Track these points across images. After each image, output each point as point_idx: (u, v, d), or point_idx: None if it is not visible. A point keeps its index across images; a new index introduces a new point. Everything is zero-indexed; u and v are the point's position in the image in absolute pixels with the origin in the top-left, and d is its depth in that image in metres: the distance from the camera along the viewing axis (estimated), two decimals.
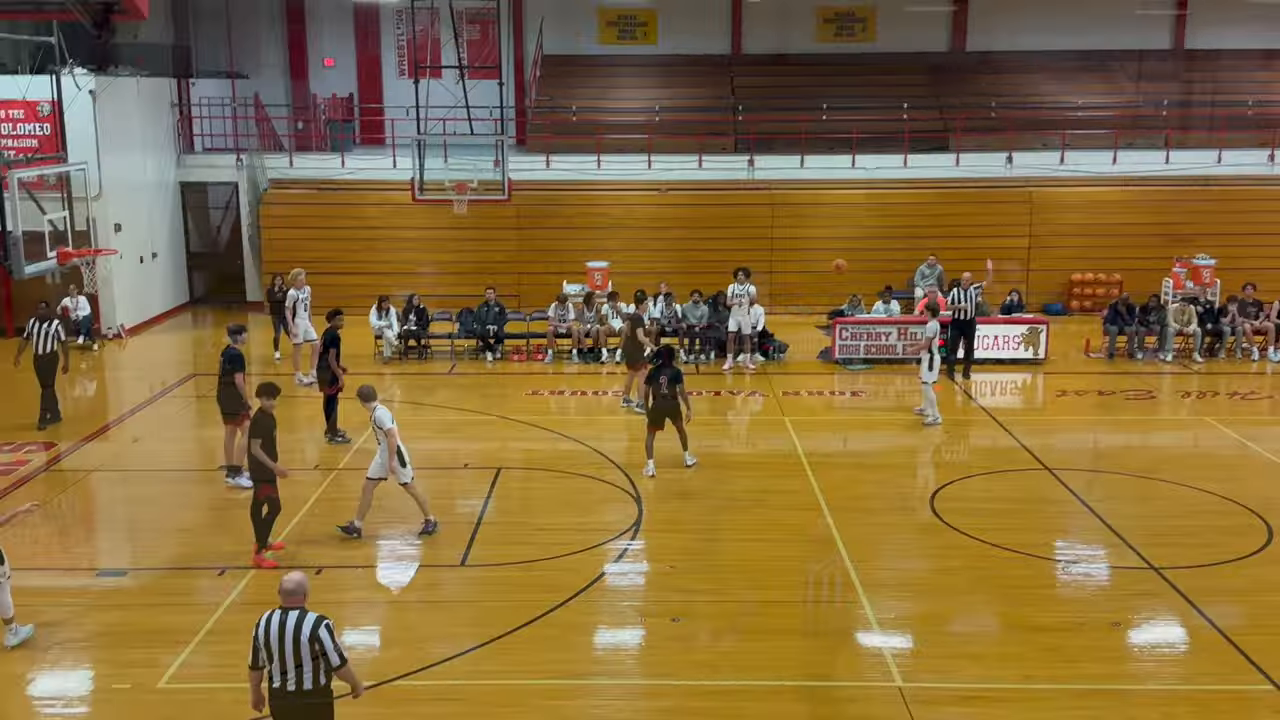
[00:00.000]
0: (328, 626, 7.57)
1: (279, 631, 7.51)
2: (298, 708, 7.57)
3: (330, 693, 7.61)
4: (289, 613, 7.58)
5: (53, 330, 17.31)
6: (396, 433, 12.85)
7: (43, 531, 13.53)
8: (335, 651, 7.57)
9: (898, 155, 26.95)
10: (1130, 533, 13.13)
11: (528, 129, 29.47)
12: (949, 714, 9.33)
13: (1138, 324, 22.00)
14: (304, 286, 19.98)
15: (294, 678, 7.51)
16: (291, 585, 7.67)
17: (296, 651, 7.47)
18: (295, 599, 7.64)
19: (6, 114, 21.50)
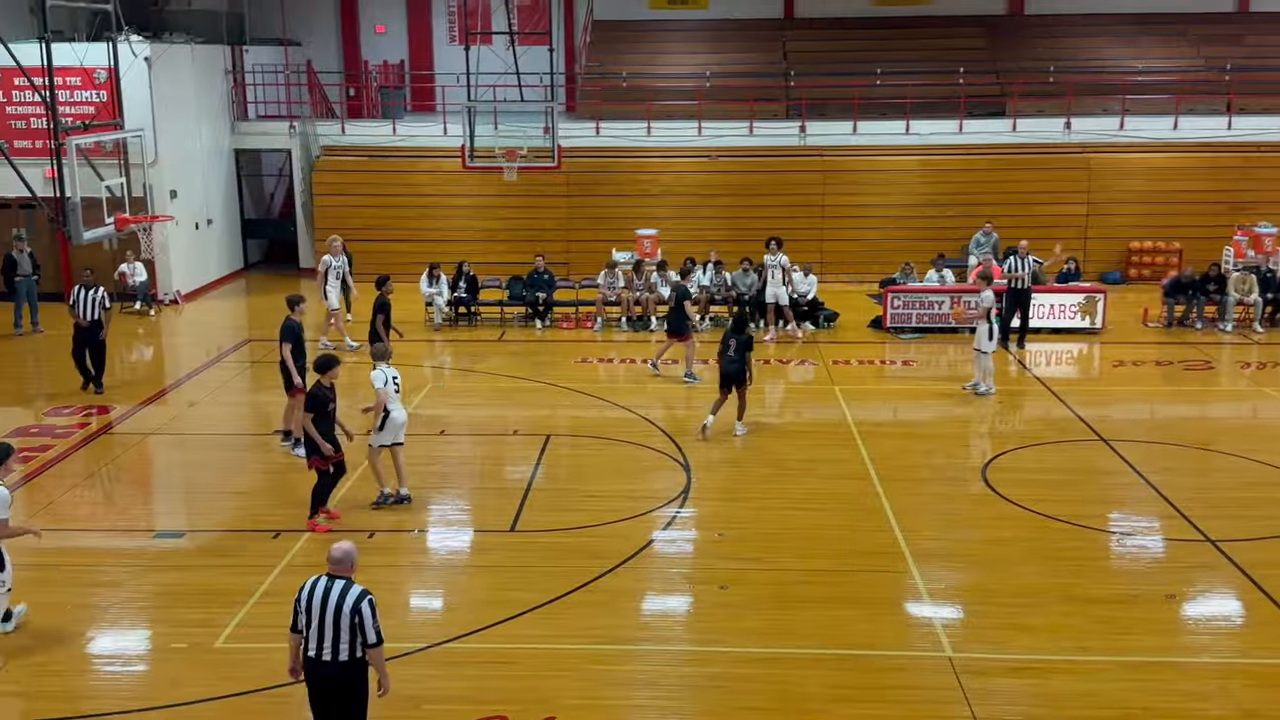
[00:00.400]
0: (370, 602, 7.47)
1: (321, 599, 7.44)
2: (331, 678, 7.50)
3: (365, 666, 7.57)
4: (335, 580, 7.53)
5: (98, 298, 17.52)
6: (386, 395, 12.64)
7: (102, 494, 13.79)
8: (373, 629, 7.45)
9: (953, 120, 26.57)
10: (1187, 505, 12.94)
11: (578, 95, 29.39)
12: (1000, 684, 9.27)
13: (1197, 294, 21.58)
14: (340, 254, 20.04)
15: (330, 648, 7.43)
16: (339, 554, 7.61)
17: (336, 622, 7.40)
18: (343, 568, 7.58)
19: (64, 81, 21.70)
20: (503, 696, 9.08)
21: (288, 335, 14.50)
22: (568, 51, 31.72)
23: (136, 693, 9.26)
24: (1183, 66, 28.53)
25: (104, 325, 17.66)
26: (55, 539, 12.23)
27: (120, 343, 21.48)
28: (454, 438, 15.65)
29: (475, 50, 22.54)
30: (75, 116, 21.22)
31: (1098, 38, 29.79)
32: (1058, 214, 26.08)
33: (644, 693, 9.22)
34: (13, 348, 20.81)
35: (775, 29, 31.02)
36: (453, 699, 9.07)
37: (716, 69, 28.93)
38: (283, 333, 14.55)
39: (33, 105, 22.93)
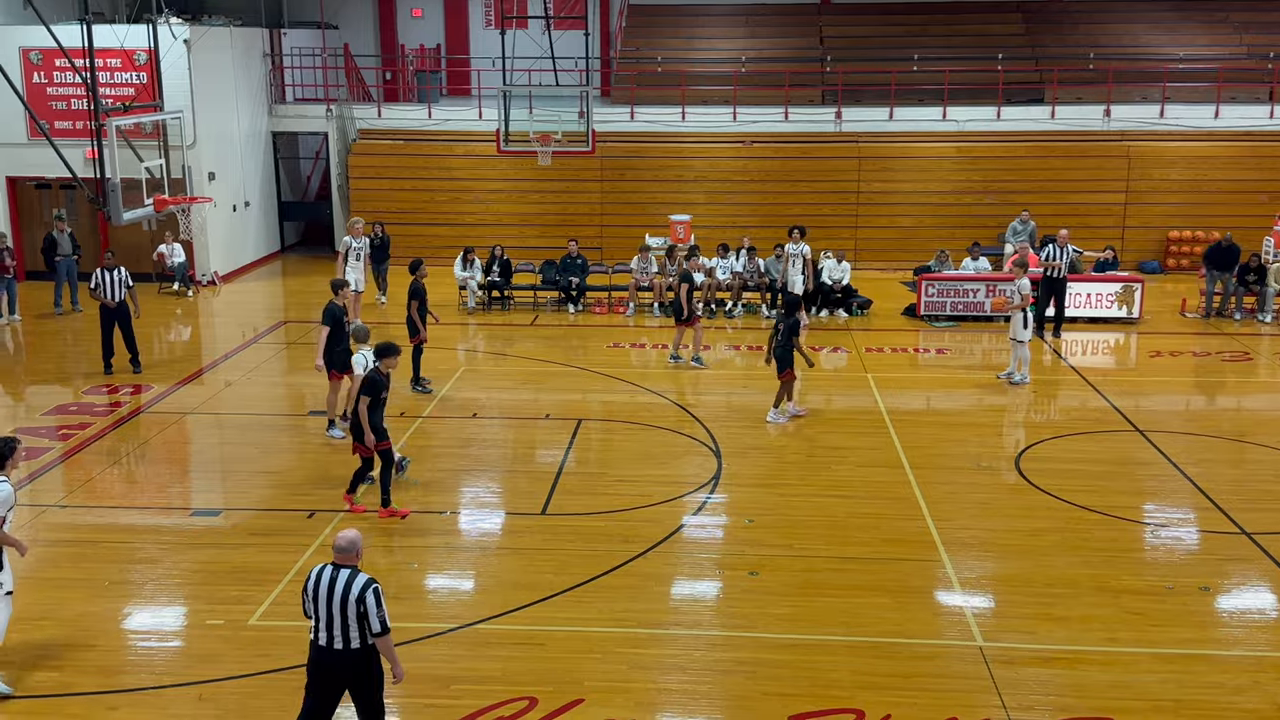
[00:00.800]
0: (375, 591, 7.41)
1: (328, 588, 7.40)
2: (343, 665, 7.48)
3: (374, 652, 7.55)
4: (340, 569, 7.47)
5: (121, 278, 17.69)
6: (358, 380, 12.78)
7: (139, 472, 13.97)
8: (378, 617, 7.40)
9: (990, 107, 26.36)
10: (1222, 497, 12.83)
11: (613, 80, 29.36)
12: (1030, 674, 9.24)
13: (1236, 284, 21.33)
14: (361, 236, 20.12)
15: (340, 635, 7.40)
16: (344, 543, 7.54)
17: (344, 611, 7.36)
18: (348, 556, 7.51)
19: (104, 63, 21.95)
20: (532, 678, 9.15)
21: (326, 318, 14.59)
22: (603, 36, 31.69)
23: (172, 668, 9.39)
24: (1224, 54, 28.13)
25: (134, 304, 17.85)
26: (93, 516, 12.43)
27: (158, 323, 21.75)
28: (486, 421, 15.73)
29: (511, 34, 22.58)
30: (115, 98, 21.46)
31: (1138, 24, 29.43)
32: (1096, 202, 25.85)
33: (672, 676, 9.26)
34: (53, 327, 21.09)
35: (811, 13, 30.84)
36: (483, 679, 9.14)
37: (752, 54, 28.81)
38: (325, 315, 14.64)
39: (73, 86, 23.19)
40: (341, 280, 15.24)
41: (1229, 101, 26.33)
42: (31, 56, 23.37)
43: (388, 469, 12.28)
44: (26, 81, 23.24)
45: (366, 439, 11.97)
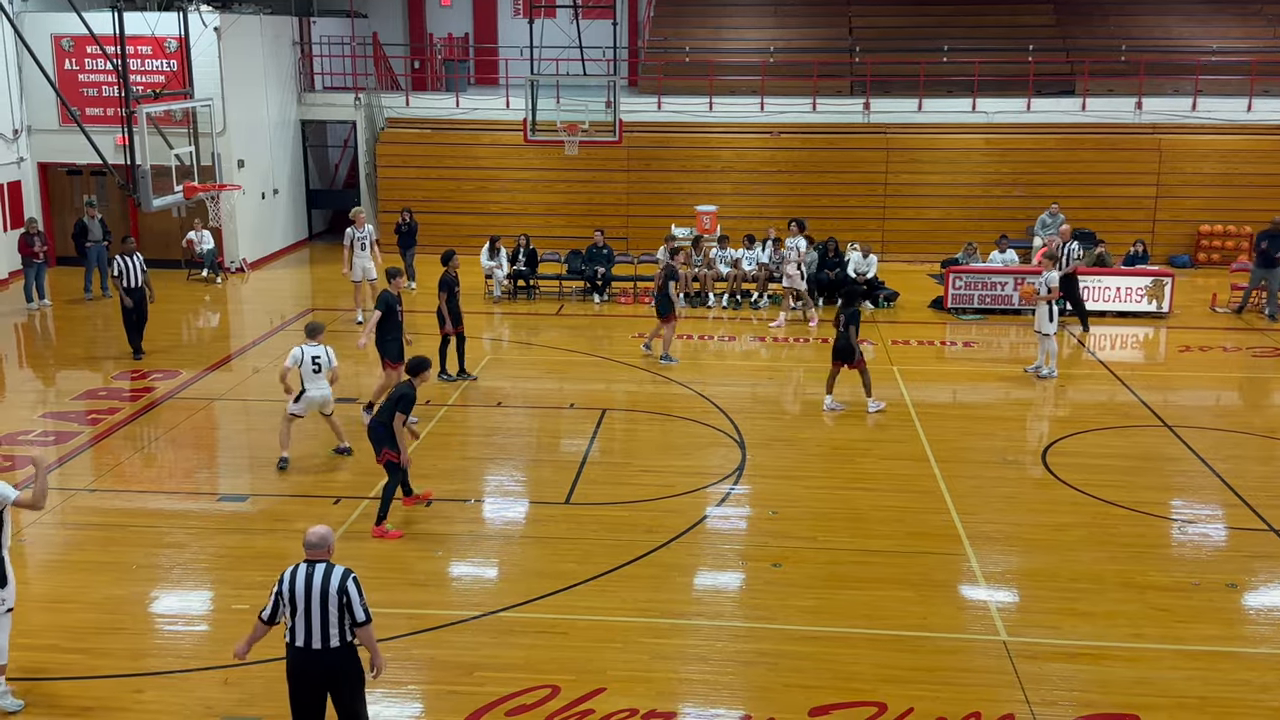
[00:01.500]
0: (355, 580, 7.32)
1: (305, 584, 7.25)
2: (325, 667, 7.31)
3: (354, 651, 7.46)
4: (315, 565, 7.33)
5: (140, 263, 17.96)
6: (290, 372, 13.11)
7: (167, 457, 14.08)
8: (361, 606, 7.29)
9: (1021, 99, 26.17)
10: (1251, 493, 12.72)
11: (640, 69, 29.31)
12: (1054, 669, 9.20)
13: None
14: (364, 226, 20.13)
15: (320, 635, 7.24)
16: (316, 538, 7.42)
17: (324, 606, 7.21)
18: (320, 552, 7.39)
19: (135, 50, 22.10)
20: (554, 666, 9.18)
21: (380, 304, 14.55)
22: (631, 25, 31.65)
23: (198, 652, 9.47)
24: (1258, 46, 27.80)
25: (150, 290, 18.10)
26: (121, 500, 12.54)
27: (186, 309, 21.91)
28: (511, 410, 15.77)
29: (539, 23, 22.55)
30: (146, 85, 21.57)
31: (1170, 16, 29.13)
32: (1126, 195, 25.64)
33: (694, 667, 9.27)
34: (83, 312, 21.28)
35: (840, 3, 30.67)
36: (505, 667, 9.18)
37: (780, 44, 28.69)
38: (379, 303, 14.62)
39: (104, 73, 23.36)
40: (396, 269, 15.17)
41: (1262, 94, 26.04)
42: (63, 43, 23.55)
43: (394, 484, 11.75)
44: (58, 68, 23.42)
45: (402, 459, 11.50)
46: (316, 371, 13.14)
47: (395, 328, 14.54)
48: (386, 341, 14.53)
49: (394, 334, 14.53)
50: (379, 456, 11.64)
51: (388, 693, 8.83)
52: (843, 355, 15.40)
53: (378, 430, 11.54)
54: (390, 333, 14.50)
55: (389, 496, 11.66)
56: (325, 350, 13.27)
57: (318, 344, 13.20)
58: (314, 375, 13.14)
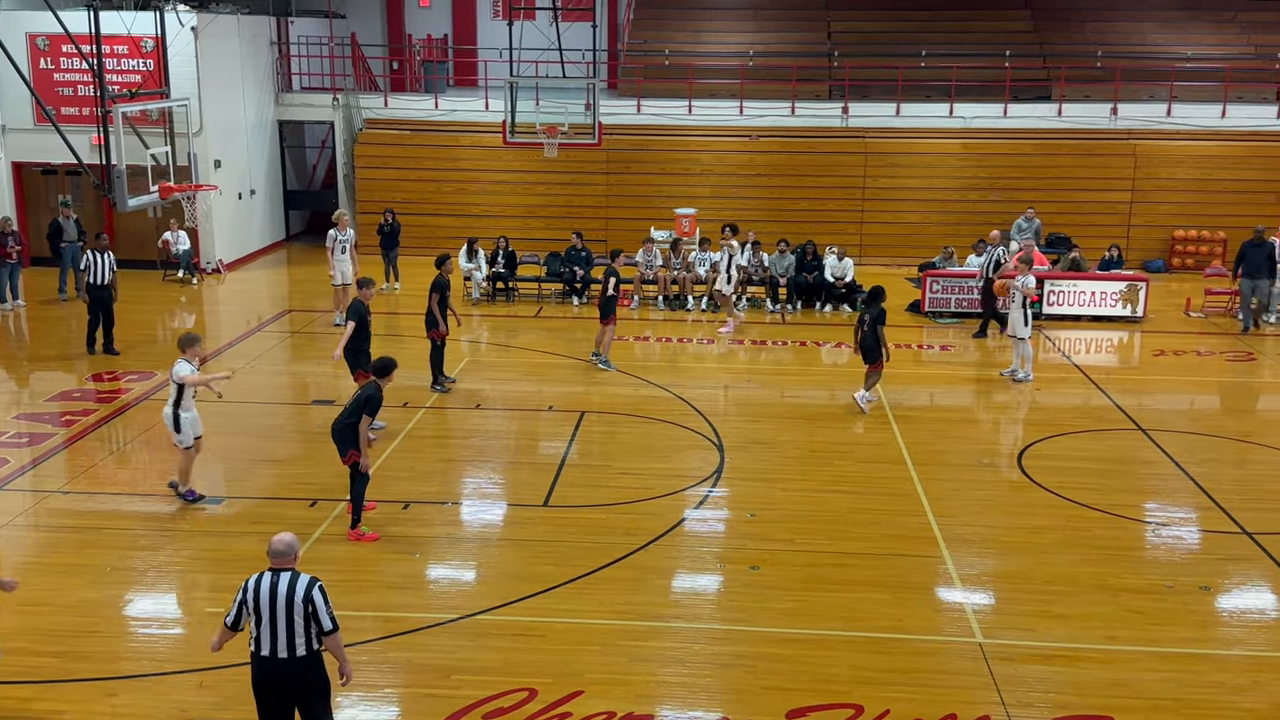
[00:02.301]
0: (321, 588, 7.19)
1: (270, 593, 7.10)
2: (291, 675, 7.20)
3: (323, 659, 7.37)
4: (280, 574, 7.19)
5: (109, 261, 17.98)
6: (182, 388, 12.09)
7: (142, 459, 13.99)
8: (328, 615, 7.16)
9: (998, 104, 26.32)
10: (1224, 496, 12.83)
11: (619, 72, 29.32)
12: (1029, 671, 9.25)
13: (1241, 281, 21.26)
14: (347, 229, 20.02)
15: (286, 643, 7.12)
16: (283, 546, 7.26)
17: (289, 615, 7.08)
18: (285, 560, 7.24)
19: (111, 49, 21.94)
20: (532, 669, 9.17)
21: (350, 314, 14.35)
22: (610, 28, 31.66)
23: (172, 655, 9.41)
24: (1232, 54, 28.06)
25: (115, 287, 18.11)
26: (95, 503, 12.45)
27: (162, 310, 21.79)
28: (489, 412, 15.74)
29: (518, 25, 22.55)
30: (122, 84, 21.44)
31: (1146, 23, 29.35)
32: (1102, 200, 25.82)
33: (671, 669, 9.27)
34: (58, 313, 21.12)
35: (820, 8, 30.76)
36: (483, 670, 9.16)
37: (759, 48, 28.76)
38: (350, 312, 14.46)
39: (80, 73, 23.20)
40: (368, 279, 14.92)
41: (1236, 101, 26.27)
42: (38, 42, 23.38)
43: (363, 486, 11.51)
44: (33, 67, 23.24)
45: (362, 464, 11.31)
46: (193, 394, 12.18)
47: (367, 339, 14.39)
48: (359, 352, 14.26)
49: (366, 344, 14.32)
50: (344, 458, 11.47)
51: (364, 696, 8.80)
52: (871, 354, 15.65)
53: (344, 433, 11.36)
54: (363, 343, 14.28)
55: (359, 499, 11.53)
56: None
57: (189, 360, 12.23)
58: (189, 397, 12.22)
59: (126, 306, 20.12)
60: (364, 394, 11.32)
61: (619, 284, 17.65)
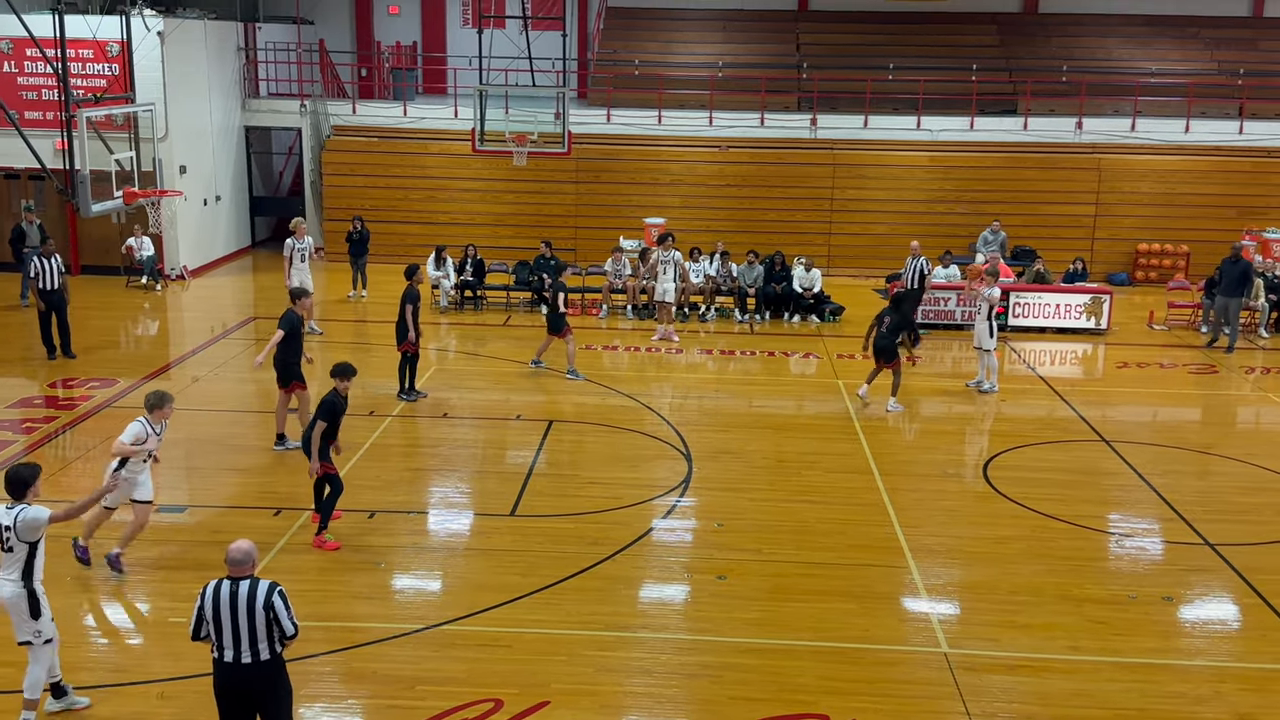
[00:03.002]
0: (281, 594, 7.22)
1: (230, 602, 7.13)
2: (252, 679, 7.22)
3: (284, 663, 7.40)
4: (239, 581, 7.21)
5: (58, 266, 17.96)
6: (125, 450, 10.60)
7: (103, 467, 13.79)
8: (289, 619, 7.20)
9: (964, 117, 26.53)
10: (1187, 507, 12.95)
11: (589, 81, 29.34)
12: (994, 681, 9.29)
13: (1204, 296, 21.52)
14: (304, 237, 19.89)
15: (249, 648, 7.15)
16: (240, 555, 7.28)
17: (251, 622, 7.12)
18: (243, 568, 7.26)
19: (76, 54, 21.73)
20: (498, 679, 9.12)
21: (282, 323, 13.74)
22: (581, 37, 31.69)
23: (132, 665, 9.30)
24: (1195, 69, 28.45)
25: (66, 291, 18.06)
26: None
27: (125, 316, 21.57)
28: (457, 420, 15.67)
29: (488, 34, 22.50)
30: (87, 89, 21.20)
31: (1111, 38, 29.72)
32: (1066, 214, 26.06)
33: (638, 680, 9.25)
34: (18, 318, 20.85)
35: (789, 21, 30.95)
36: (448, 680, 9.10)
37: (729, 59, 28.87)
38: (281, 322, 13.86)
39: (44, 77, 22.96)
40: (301, 289, 14.59)
41: (1199, 116, 26.61)
42: (2, 45, 23.12)
43: (336, 495, 11.46)
44: None
45: (311, 467, 11.29)
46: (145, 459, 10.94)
47: (297, 351, 13.90)
48: (287, 365, 13.82)
49: (295, 358, 13.87)
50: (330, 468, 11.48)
51: (328, 707, 8.73)
52: (884, 355, 16.07)
53: (307, 444, 11.35)
54: (291, 356, 13.84)
55: (329, 508, 11.48)
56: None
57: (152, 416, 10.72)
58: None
59: (89, 312, 19.96)
60: (326, 400, 11.36)
61: (567, 297, 17.72)
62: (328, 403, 11.37)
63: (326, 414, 11.32)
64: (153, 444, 10.72)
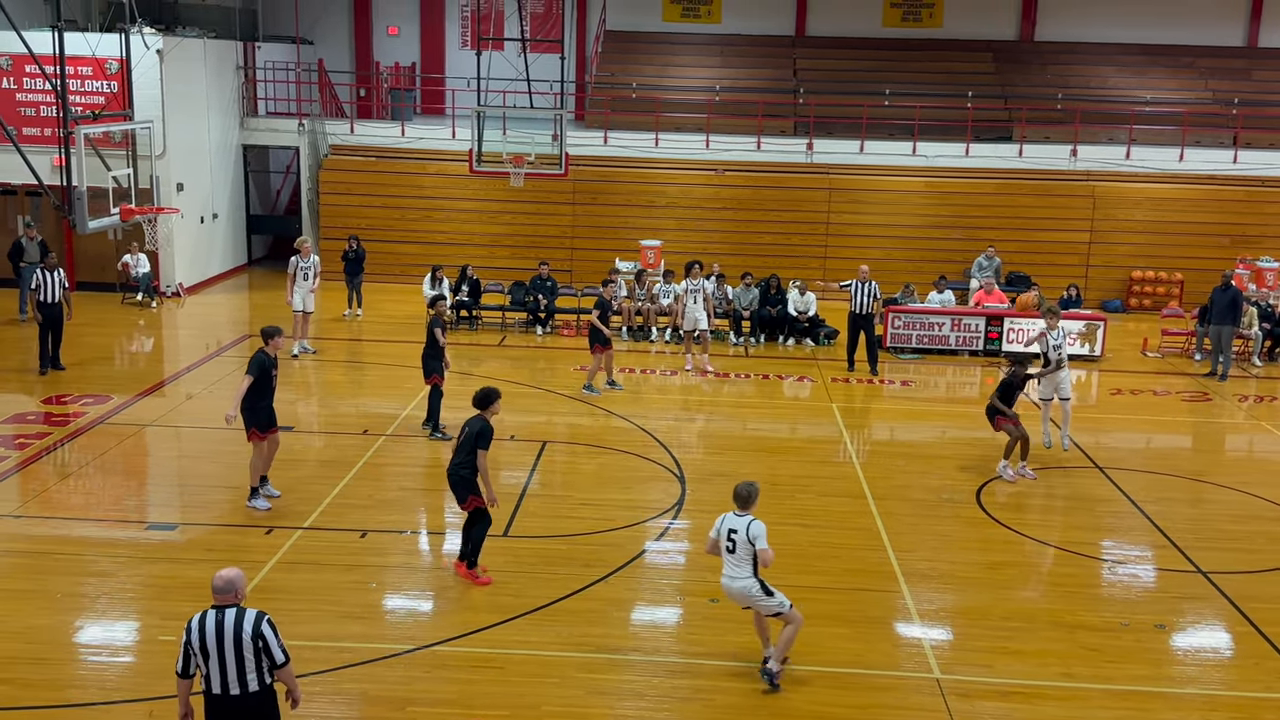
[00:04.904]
0: (270, 622, 7.05)
1: (216, 633, 6.94)
2: (243, 711, 7.05)
3: (274, 693, 7.23)
4: (225, 611, 7.02)
5: (59, 280, 17.95)
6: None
7: (96, 484, 13.79)
8: (280, 648, 7.03)
9: (960, 144, 26.64)
10: (1179, 535, 12.95)
11: (587, 104, 29.44)
12: (986, 708, 9.26)
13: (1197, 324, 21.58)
14: (309, 256, 19.80)
15: (237, 680, 6.97)
16: (222, 583, 7.09)
17: (239, 652, 6.94)
18: (227, 597, 7.08)
19: (75, 70, 21.78)
20: (489, 701, 9.09)
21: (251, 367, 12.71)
22: (579, 60, 31.81)
23: (122, 684, 9.25)
24: (1190, 98, 28.61)
25: (68, 306, 18.07)
26: (47, 527, 12.25)
27: (120, 333, 21.56)
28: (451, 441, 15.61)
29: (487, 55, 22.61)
30: (85, 106, 21.26)
31: (1106, 67, 29.89)
32: (1061, 241, 26.15)
33: (630, 703, 9.22)
34: (15, 334, 20.83)
35: (786, 46, 31.11)
36: (439, 702, 9.07)
37: (726, 83, 29.00)
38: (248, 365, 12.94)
39: (43, 93, 23.00)
40: (275, 329, 12.98)
41: (1193, 145, 26.75)
42: (1, 62, 23.18)
43: (484, 528, 11.13)
44: None
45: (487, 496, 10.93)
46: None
47: (267, 394, 12.74)
48: (255, 409, 12.64)
49: (265, 400, 12.73)
50: (463, 504, 11.11)
51: None
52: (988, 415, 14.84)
53: (460, 479, 10.96)
54: (259, 399, 12.64)
55: (479, 540, 11.11)
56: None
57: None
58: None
59: (85, 329, 19.94)
60: (475, 429, 10.86)
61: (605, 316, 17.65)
62: (484, 432, 10.86)
63: (485, 442, 10.83)
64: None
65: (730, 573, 9.32)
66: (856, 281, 19.91)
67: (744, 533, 9.21)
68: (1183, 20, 30.48)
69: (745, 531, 9.21)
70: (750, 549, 9.20)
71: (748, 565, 9.25)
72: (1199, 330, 21.31)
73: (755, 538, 9.15)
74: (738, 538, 9.25)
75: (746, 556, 9.23)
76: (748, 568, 9.26)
